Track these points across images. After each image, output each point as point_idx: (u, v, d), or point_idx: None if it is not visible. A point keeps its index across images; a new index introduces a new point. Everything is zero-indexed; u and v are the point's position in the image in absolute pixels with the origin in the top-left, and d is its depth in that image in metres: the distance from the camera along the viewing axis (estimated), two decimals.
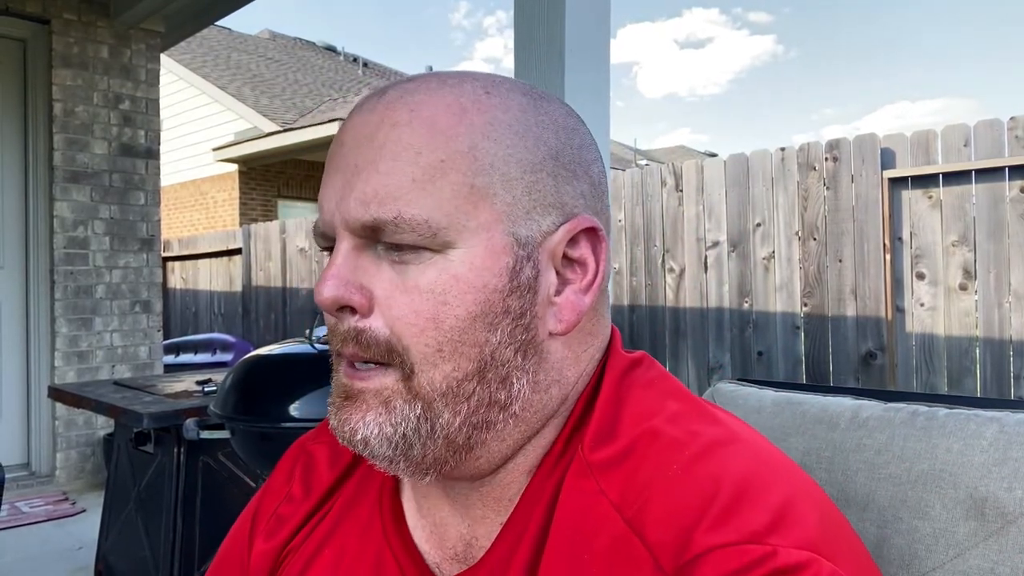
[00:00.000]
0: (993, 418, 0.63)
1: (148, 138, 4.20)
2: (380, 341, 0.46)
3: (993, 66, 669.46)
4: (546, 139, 0.49)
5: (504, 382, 0.47)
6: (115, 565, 2.32)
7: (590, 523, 0.45)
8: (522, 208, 0.47)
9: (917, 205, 3.27)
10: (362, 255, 0.47)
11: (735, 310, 3.79)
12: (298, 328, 6.37)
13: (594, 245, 0.50)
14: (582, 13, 1.54)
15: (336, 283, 0.46)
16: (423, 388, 0.46)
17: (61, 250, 3.89)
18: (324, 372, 1.64)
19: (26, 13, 3.79)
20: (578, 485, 0.47)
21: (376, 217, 0.45)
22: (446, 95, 0.47)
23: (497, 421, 0.48)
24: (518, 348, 0.47)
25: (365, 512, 0.57)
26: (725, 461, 0.44)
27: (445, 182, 0.45)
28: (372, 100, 0.49)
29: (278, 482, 0.64)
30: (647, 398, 0.50)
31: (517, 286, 0.47)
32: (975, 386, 3.12)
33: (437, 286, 0.45)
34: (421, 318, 0.45)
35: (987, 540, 0.58)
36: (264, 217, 10.69)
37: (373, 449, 0.47)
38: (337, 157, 0.48)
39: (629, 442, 0.47)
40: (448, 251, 0.45)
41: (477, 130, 0.46)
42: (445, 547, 0.53)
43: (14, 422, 3.91)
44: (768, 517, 0.40)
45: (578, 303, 0.49)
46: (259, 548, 0.60)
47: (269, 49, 14.72)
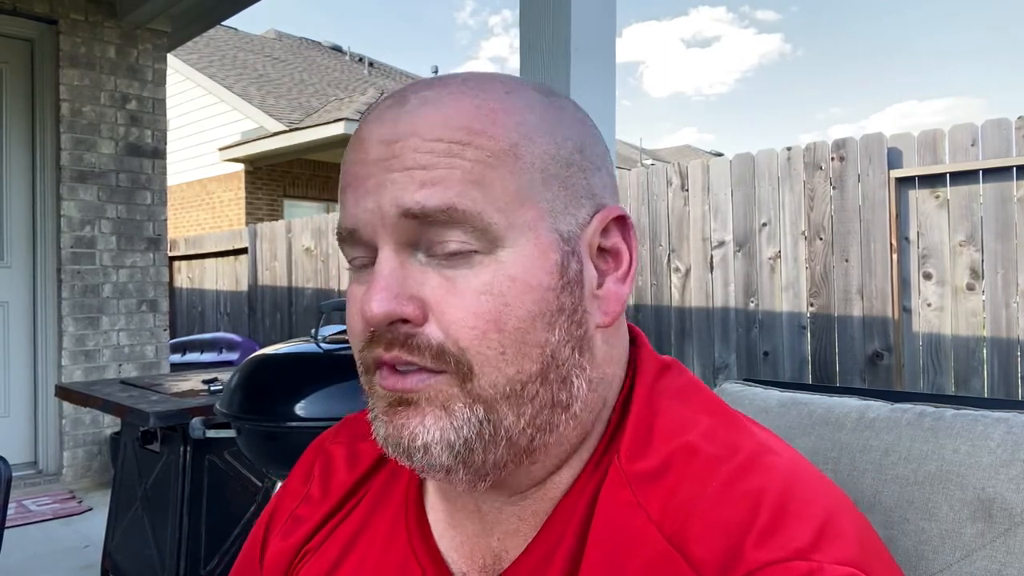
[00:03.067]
0: (1001, 419, 0.63)
1: (155, 138, 4.21)
2: (433, 346, 0.44)
3: (1001, 65, 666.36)
4: (571, 134, 0.49)
5: (565, 382, 0.47)
6: (121, 563, 2.32)
7: (629, 537, 0.44)
8: (561, 203, 0.47)
9: (924, 205, 3.26)
10: (407, 263, 0.45)
11: (741, 310, 3.78)
12: (304, 327, 6.38)
13: (624, 233, 0.50)
14: (588, 12, 1.53)
15: (387, 295, 0.44)
16: (485, 391, 0.45)
17: (68, 249, 3.90)
18: (330, 371, 1.64)
19: (33, 13, 3.81)
20: (615, 496, 0.46)
21: (424, 205, 0.43)
22: (472, 99, 0.46)
23: (559, 423, 0.47)
24: (575, 345, 0.47)
25: (388, 520, 0.56)
26: (763, 477, 0.44)
27: (493, 178, 0.44)
28: (392, 110, 0.47)
29: (296, 482, 0.63)
30: (679, 409, 0.49)
31: (567, 282, 0.46)
32: (982, 386, 3.10)
33: (495, 288, 0.44)
34: (482, 320, 0.44)
35: (995, 541, 0.58)
36: (270, 217, 10.71)
37: (432, 457, 0.45)
38: (363, 164, 0.46)
39: (666, 456, 0.46)
40: (498, 252, 0.44)
41: (512, 130, 0.46)
42: (474, 558, 0.52)
43: (21, 421, 3.93)
44: (811, 533, 0.41)
45: (619, 293, 0.49)
46: (274, 547, 0.60)
47: (275, 49, 14.75)
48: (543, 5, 1.55)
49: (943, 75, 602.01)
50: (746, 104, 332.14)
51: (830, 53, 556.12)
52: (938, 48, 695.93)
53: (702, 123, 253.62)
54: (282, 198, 11.22)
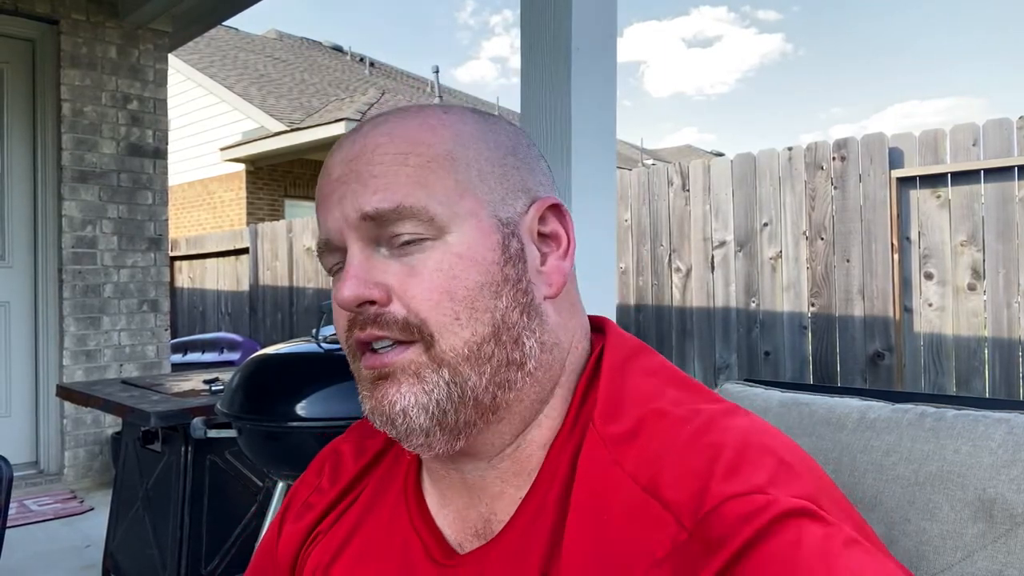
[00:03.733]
0: (1002, 419, 0.63)
1: (156, 138, 4.21)
2: (399, 320, 0.52)
3: (1003, 65, 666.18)
4: (501, 140, 0.57)
5: (517, 342, 0.54)
6: (123, 563, 2.33)
7: (608, 489, 0.50)
8: (498, 195, 0.55)
9: (925, 205, 3.26)
10: (372, 257, 0.53)
11: (742, 310, 3.78)
12: (305, 327, 6.38)
13: (560, 219, 0.58)
14: (589, 11, 1.53)
15: (356, 282, 0.52)
16: (447, 354, 0.52)
17: (69, 249, 3.90)
18: (331, 371, 1.64)
19: (35, 13, 3.81)
20: (594, 455, 0.51)
21: (378, 207, 0.52)
22: (414, 118, 0.56)
23: (516, 380, 0.54)
24: (523, 310, 0.54)
25: (390, 503, 0.63)
26: (724, 433, 0.49)
27: (434, 178, 0.53)
28: (351, 137, 0.56)
29: (310, 476, 0.71)
30: (648, 382, 0.55)
31: (509, 257, 0.54)
32: (983, 387, 3.10)
33: (443, 265, 0.52)
34: (435, 293, 0.51)
35: (996, 542, 0.58)
36: (271, 217, 10.71)
37: (411, 419, 0.52)
38: (329, 182, 0.55)
39: (636, 420, 0.52)
40: (445, 236, 0.52)
41: (449, 139, 0.55)
42: (466, 527, 0.58)
43: (23, 420, 3.93)
44: (768, 474, 0.46)
45: (561, 267, 0.57)
46: (288, 530, 0.68)
47: (276, 49, 14.76)
48: (544, 5, 1.55)
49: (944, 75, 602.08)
50: (747, 104, 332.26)
51: (831, 53, 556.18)
52: (939, 48, 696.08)
53: (703, 123, 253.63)
54: (283, 198, 11.23)
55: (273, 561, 0.69)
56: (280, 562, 0.68)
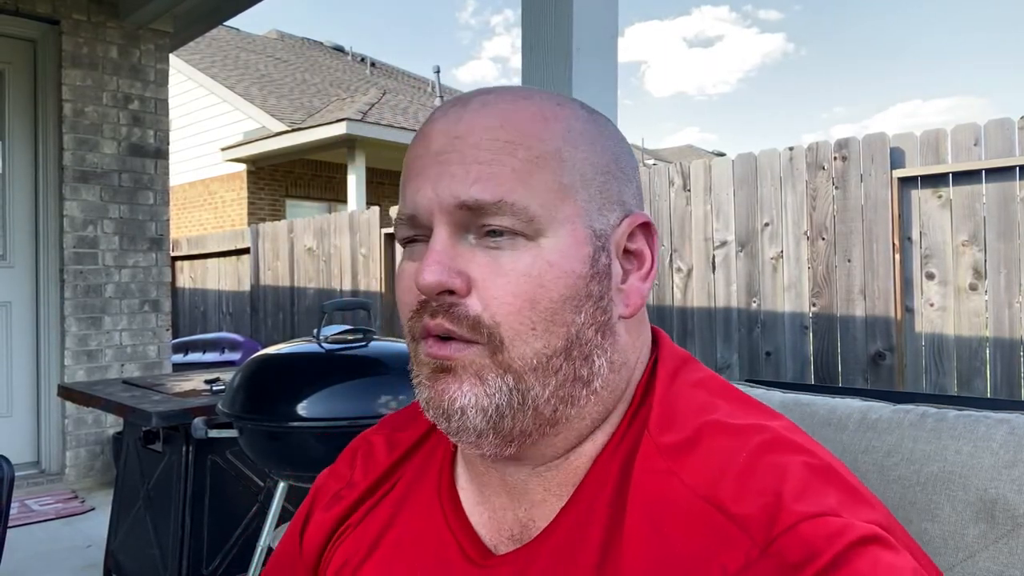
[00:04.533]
0: (1003, 420, 0.62)
1: (157, 138, 4.21)
2: (471, 316, 0.49)
3: (1005, 65, 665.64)
4: (609, 147, 0.55)
5: (587, 359, 0.52)
6: (124, 563, 2.33)
7: (666, 497, 0.48)
8: (596, 205, 0.53)
9: (927, 205, 3.26)
10: (458, 243, 0.51)
11: (743, 310, 3.78)
12: (306, 327, 6.38)
13: (648, 238, 0.56)
14: (590, 11, 1.53)
15: (439, 268, 0.49)
16: (514, 362, 0.50)
17: (71, 249, 3.90)
18: (332, 371, 1.64)
19: (36, 13, 3.81)
20: (650, 464, 0.50)
21: (478, 198, 0.49)
22: (528, 105, 0.53)
23: (580, 397, 0.52)
24: (598, 328, 0.52)
25: (424, 499, 0.61)
26: (788, 454, 0.47)
27: (540, 177, 0.50)
28: (455, 109, 0.53)
29: (341, 468, 0.69)
30: (700, 394, 0.54)
31: (596, 272, 0.52)
32: (985, 387, 3.10)
33: (534, 270, 0.49)
34: (519, 299, 0.49)
35: (997, 543, 0.58)
36: (272, 217, 10.71)
37: (468, 419, 0.50)
38: (425, 157, 0.52)
39: (694, 431, 0.50)
40: (540, 239, 0.50)
41: (559, 136, 0.52)
42: (502, 529, 0.56)
43: (24, 420, 3.94)
44: (838, 498, 0.45)
45: (641, 289, 0.55)
46: (316, 519, 0.66)
47: (277, 49, 14.76)
48: (545, 5, 1.55)
49: (946, 75, 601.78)
50: (748, 104, 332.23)
51: (833, 52, 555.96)
52: (941, 48, 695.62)
53: (704, 123, 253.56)
54: (284, 198, 11.23)
55: (297, 551, 0.67)
56: (306, 551, 0.66)
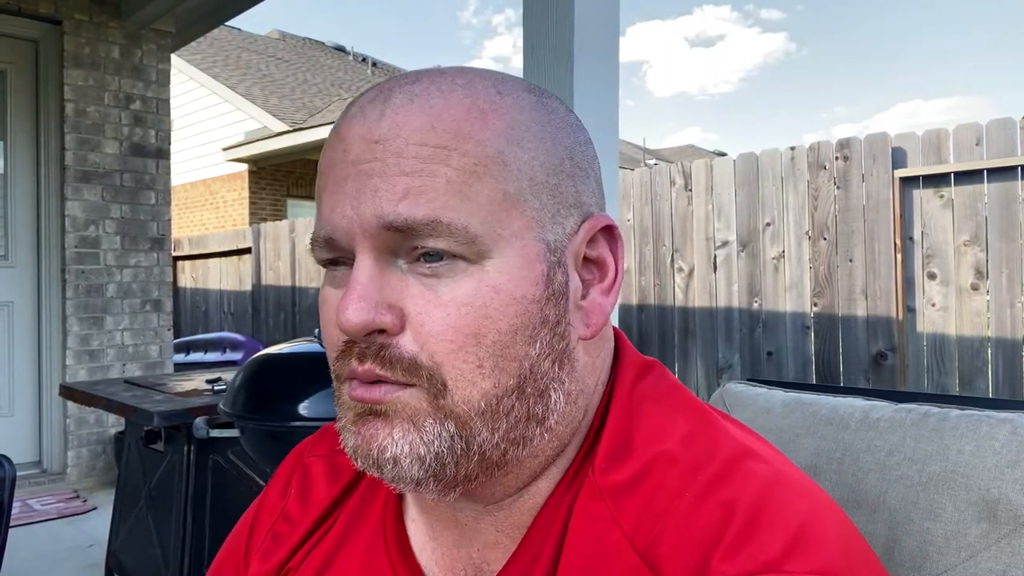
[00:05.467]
0: (1006, 419, 0.62)
1: (159, 138, 4.22)
2: (405, 359, 0.42)
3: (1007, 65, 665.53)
4: (561, 138, 0.46)
5: (542, 395, 0.45)
6: (126, 562, 2.33)
7: (601, 554, 0.43)
8: (548, 212, 0.45)
9: (928, 204, 3.25)
10: (387, 271, 0.43)
11: (744, 310, 3.78)
12: (307, 327, 6.38)
13: (611, 244, 0.48)
14: (591, 11, 1.53)
15: (365, 305, 0.41)
16: (457, 406, 0.43)
17: (72, 249, 3.91)
18: None
19: (38, 14, 3.81)
20: (589, 511, 0.44)
21: (407, 217, 0.41)
22: (461, 97, 0.44)
23: (534, 436, 0.45)
24: (556, 359, 0.45)
25: (367, 536, 0.54)
26: (739, 485, 0.42)
27: (480, 187, 0.42)
28: (376, 104, 0.44)
29: (274, 496, 0.61)
30: (658, 414, 0.48)
31: (552, 293, 0.44)
32: (987, 387, 3.09)
33: (477, 299, 0.42)
34: (460, 334, 0.42)
35: (999, 543, 0.57)
36: (273, 216, 10.72)
37: (402, 469, 0.43)
38: (342, 164, 0.44)
39: (643, 465, 0.45)
40: (483, 262, 0.42)
41: (501, 134, 0.43)
42: (455, 570, 0.50)
43: (26, 420, 3.94)
44: (785, 542, 0.39)
45: (604, 305, 0.47)
46: (255, 570, 0.57)
47: (279, 49, 14.77)
48: (546, 4, 1.55)
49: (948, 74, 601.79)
50: (750, 103, 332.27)
51: (835, 52, 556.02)
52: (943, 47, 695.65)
53: (706, 123, 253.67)
54: (285, 198, 11.24)
55: None
56: None
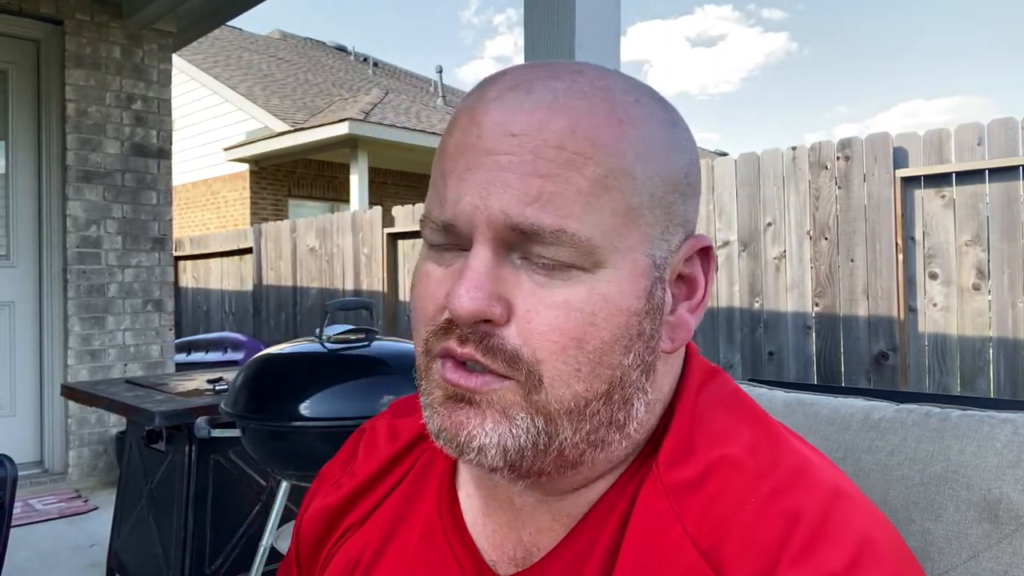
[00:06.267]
0: (1007, 419, 0.62)
1: (160, 138, 4.22)
2: (508, 350, 0.43)
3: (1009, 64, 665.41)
4: (680, 156, 0.47)
5: (626, 403, 0.46)
6: (127, 562, 2.33)
7: (663, 549, 0.43)
8: (660, 229, 0.45)
9: (930, 204, 3.25)
10: (502, 264, 0.43)
11: (746, 310, 3.77)
12: (308, 327, 6.39)
13: (705, 264, 0.49)
14: (592, 10, 1.53)
15: (479, 295, 0.42)
16: (550, 404, 0.44)
17: (74, 249, 3.91)
18: (334, 371, 1.64)
19: (39, 14, 3.82)
20: (652, 506, 0.45)
21: (534, 223, 0.41)
22: (602, 103, 0.44)
23: (612, 441, 0.46)
24: (644, 369, 0.46)
25: (425, 509, 0.56)
26: (802, 496, 0.43)
27: (608, 200, 0.42)
28: (517, 95, 0.44)
29: (344, 456, 0.65)
30: (721, 419, 0.48)
31: (651, 308, 0.45)
32: (988, 387, 3.09)
33: (587, 306, 0.42)
34: (565, 336, 0.42)
35: (1001, 543, 0.57)
36: (275, 216, 10.72)
37: (485, 458, 0.44)
38: (476, 151, 0.43)
39: (707, 466, 0.45)
40: (597, 271, 0.43)
41: (634, 147, 0.44)
42: (505, 548, 0.51)
43: (27, 420, 3.94)
44: (848, 557, 0.40)
45: (690, 322, 0.48)
46: (316, 505, 0.61)
47: (280, 49, 14.77)
48: (547, 4, 1.55)
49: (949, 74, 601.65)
50: (751, 103, 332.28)
51: (836, 52, 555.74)
52: (945, 47, 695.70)
53: (707, 122, 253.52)
54: (287, 198, 11.24)
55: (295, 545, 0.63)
56: (301, 539, 0.62)
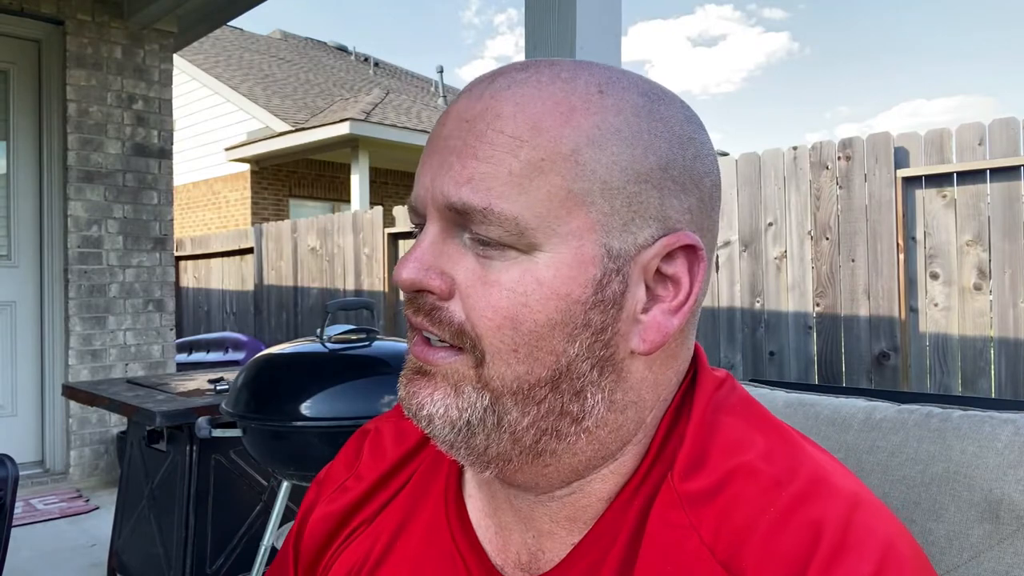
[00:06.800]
0: (1008, 420, 0.62)
1: (161, 138, 4.22)
2: (453, 323, 0.45)
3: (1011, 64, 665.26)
4: (657, 148, 0.46)
5: (578, 395, 0.46)
6: (128, 562, 2.33)
7: (682, 560, 0.43)
8: (619, 219, 0.45)
9: (931, 204, 3.25)
10: (449, 241, 0.46)
11: (747, 310, 3.77)
12: (309, 327, 6.39)
13: (691, 264, 0.48)
14: (593, 10, 1.53)
15: (417, 266, 0.46)
16: (493, 381, 0.45)
17: (75, 249, 3.91)
18: (335, 371, 1.64)
19: (40, 14, 3.82)
20: (668, 517, 0.45)
21: (466, 202, 0.44)
22: (556, 91, 0.45)
23: (568, 433, 0.46)
24: (595, 363, 0.46)
25: (430, 510, 0.56)
26: (823, 505, 0.43)
27: (542, 182, 0.43)
28: (481, 85, 0.47)
29: (348, 457, 0.65)
30: (737, 426, 0.48)
31: (601, 300, 0.45)
32: (989, 387, 3.09)
33: (519, 286, 0.44)
34: (499, 315, 0.44)
35: (1002, 543, 0.57)
36: (276, 216, 10.73)
37: (435, 429, 0.47)
38: (437, 138, 0.47)
39: (723, 476, 0.45)
40: (534, 253, 0.44)
41: (583, 133, 0.44)
42: (509, 551, 0.52)
43: (29, 420, 3.95)
44: (873, 565, 0.40)
45: (665, 324, 0.47)
46: (320, 511, 0.61)
47: (281, 49, 14.78)
48: (548, 4, 1.55)
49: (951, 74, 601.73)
50: (753, 103, 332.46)
51: (838, 51, 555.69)
52: (946, 47, 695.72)
53: (708, 122, 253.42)
54: (288, 198, 11.24)
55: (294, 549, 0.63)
56: (305, 546, 0.62)
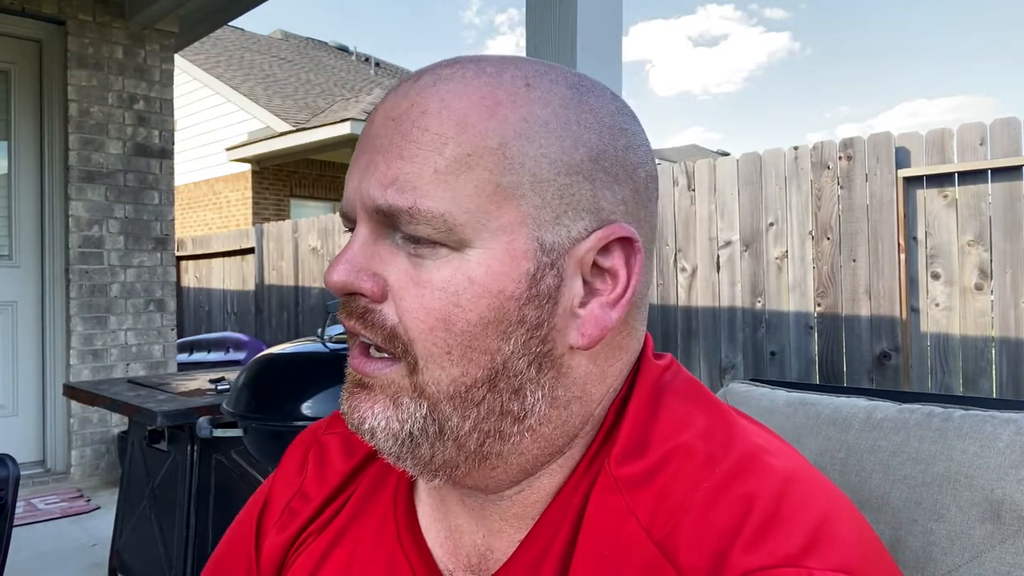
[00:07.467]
0: (1010, 420, 0.62)
1: (162, 138, 4.22)
2: (386, 326, 0.44)
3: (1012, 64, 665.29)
4: (586, 139, 0.45)
5: (517, 393, 0.45)
6: (129, 561, 2.33)
7: (618, 544, 0.43)
8: (551, 212, 0.44)
9: (932, 204, 3.25)
10: (380, 242, 0.45)
11: (748, 310, 3.77)
12: (310, 327, 6.39)
13: (628, 256, 0.46)
14: (594, 10, 1.53)
15: (348, 268, 0.45)
16: (428, 387, 0.44)
17: (76, 249, 3.92)
18: (336, 371, 1.64)
19: (42, 14, 3.82)
20: (605, 502, 0.45)
21: (391, 203, 0.43)
22: (481, 86, 0.44)
23: (512, 433, 0.46)
24: (532, 360, 0.45)
25: (379, 512, 0.55)
26: (758, 479, 0.42)
27: (469, 177, 0.43)
28: (407, 84, 0.46)
29: (290, 472, 0.62)
30: (677, 408, 0.48)
31: (536, 295, 0.44)
32: (991, 387, 3.09)
33: (450, 286, 0.43)
34: (431, 316, 0.43)
35: (1004, 543, 0.57)
36: (277, 216, 10.73)
37: (379, 442, 0.46)
38: (365, 138, 0.46)
39: (660, 458, 0.45)
40: (465, 250, 0.43)
41: (509, 127, 0.43)
42: (459, 554, 0.51)
43: (30, 420, 3.95)
44: (804, 538, 0.39)
45: (603, 318, 0.46)
46: (271, 541, 0.59)
47: (282, 49, 14.78)
48: (549, 4, 1.55)
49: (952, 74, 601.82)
50: (754, 103, 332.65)
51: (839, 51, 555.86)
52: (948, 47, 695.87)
53: (709, 122, 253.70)
54: (289, 198, 11.25)
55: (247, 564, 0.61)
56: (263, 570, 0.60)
